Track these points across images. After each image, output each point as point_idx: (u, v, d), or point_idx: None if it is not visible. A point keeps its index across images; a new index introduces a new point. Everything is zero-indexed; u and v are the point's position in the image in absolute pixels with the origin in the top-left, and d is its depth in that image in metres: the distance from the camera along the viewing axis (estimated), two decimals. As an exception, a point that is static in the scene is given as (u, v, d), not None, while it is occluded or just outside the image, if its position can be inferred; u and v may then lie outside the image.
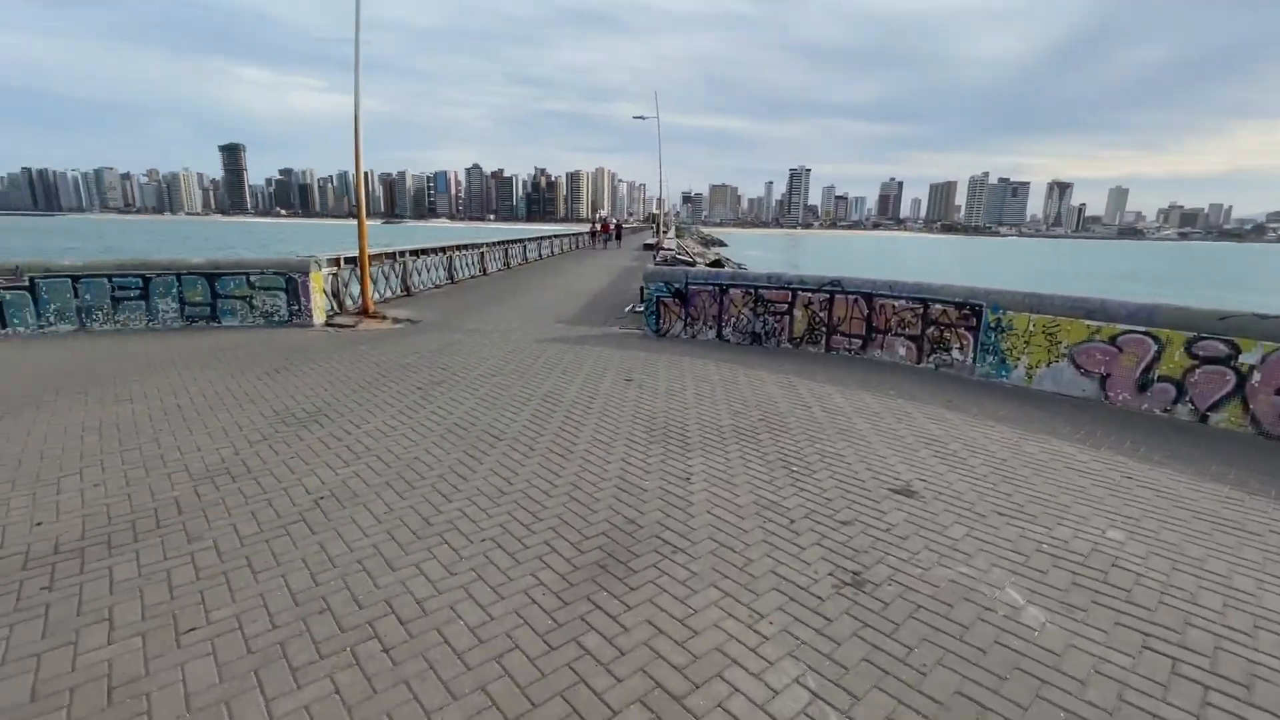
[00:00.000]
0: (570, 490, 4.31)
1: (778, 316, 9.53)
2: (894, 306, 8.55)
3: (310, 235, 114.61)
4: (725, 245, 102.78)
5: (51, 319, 9.24)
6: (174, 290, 9.86)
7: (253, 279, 10.21)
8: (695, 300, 10.13)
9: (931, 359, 8.28)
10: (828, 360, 8.75)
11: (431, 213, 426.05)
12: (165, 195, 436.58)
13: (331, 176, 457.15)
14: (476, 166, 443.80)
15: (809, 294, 9.25)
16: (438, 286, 16.22)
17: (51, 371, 7.26)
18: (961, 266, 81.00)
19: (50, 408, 5.88)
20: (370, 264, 12.91)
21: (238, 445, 5.01)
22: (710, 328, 10.08)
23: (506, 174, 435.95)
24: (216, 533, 3.65)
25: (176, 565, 3.31)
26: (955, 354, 8.06)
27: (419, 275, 15.20)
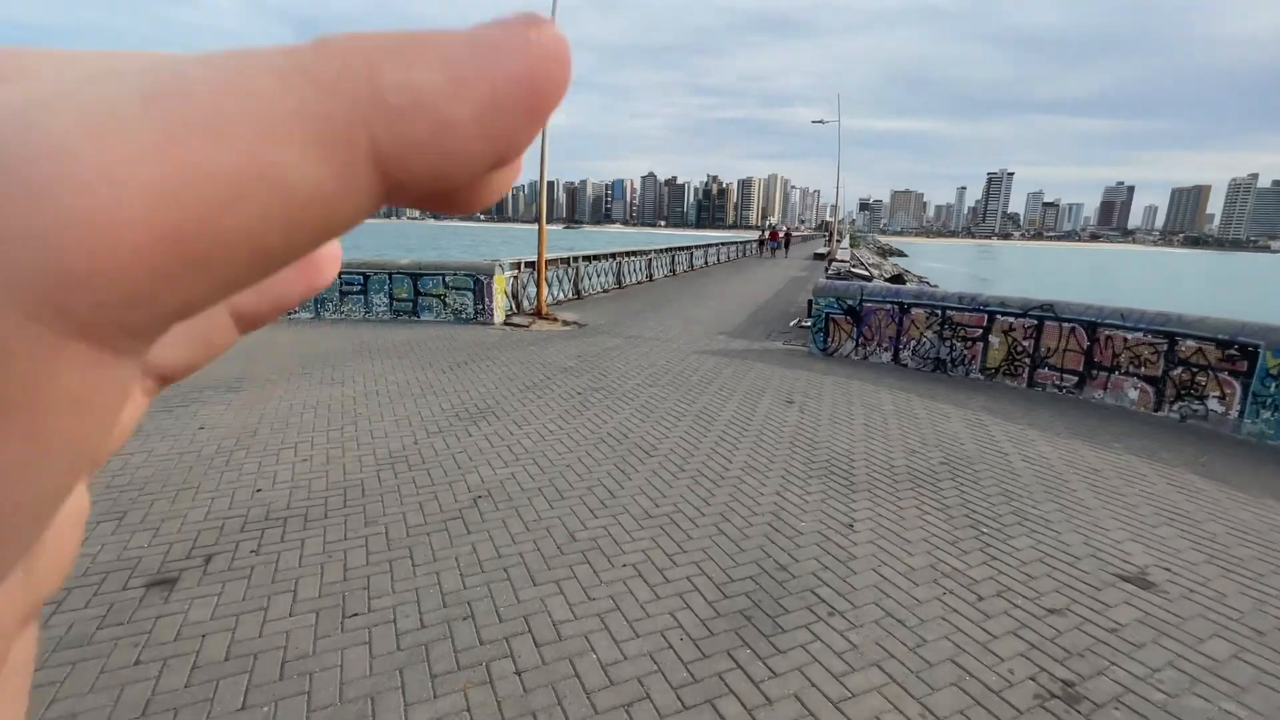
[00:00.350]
0: (718, 521, 4.04)
1: (969, 342, 8.39)
2: (1125, 339, 7.07)
3: (501, 239, 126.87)
4: (904, 255, 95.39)
5: (295, 307, 11.03)
6: (385, 287, 11.28)
7: (447, 279, 11.33)
8: (870, 318, 9.30)
9: (1176, 407, 6.71)
10: (1030, 397, 7.49)
11: (607, 218, 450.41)
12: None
13: (523, 186, 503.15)
14: (651, 174, 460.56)
15: (1011, 318, 8.01)
16: (605, 291, 16.84)
17: (290, 353, 8.59)
18: (1216, 291, 66.37)
19: (285, 385, 6.92)
20: (546, 268, 13.75)
21: (417, 435, 5.46)
22: (885, 349, 9.18)
23: (679, 181, 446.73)
24: (389, 520, 3.94)
25: (353, 547, 3.61)
26: (1213, 404, 6.43)
27: (589, 280, 15.89)
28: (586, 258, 15.81)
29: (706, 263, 28.20)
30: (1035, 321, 7.80)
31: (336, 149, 0.11)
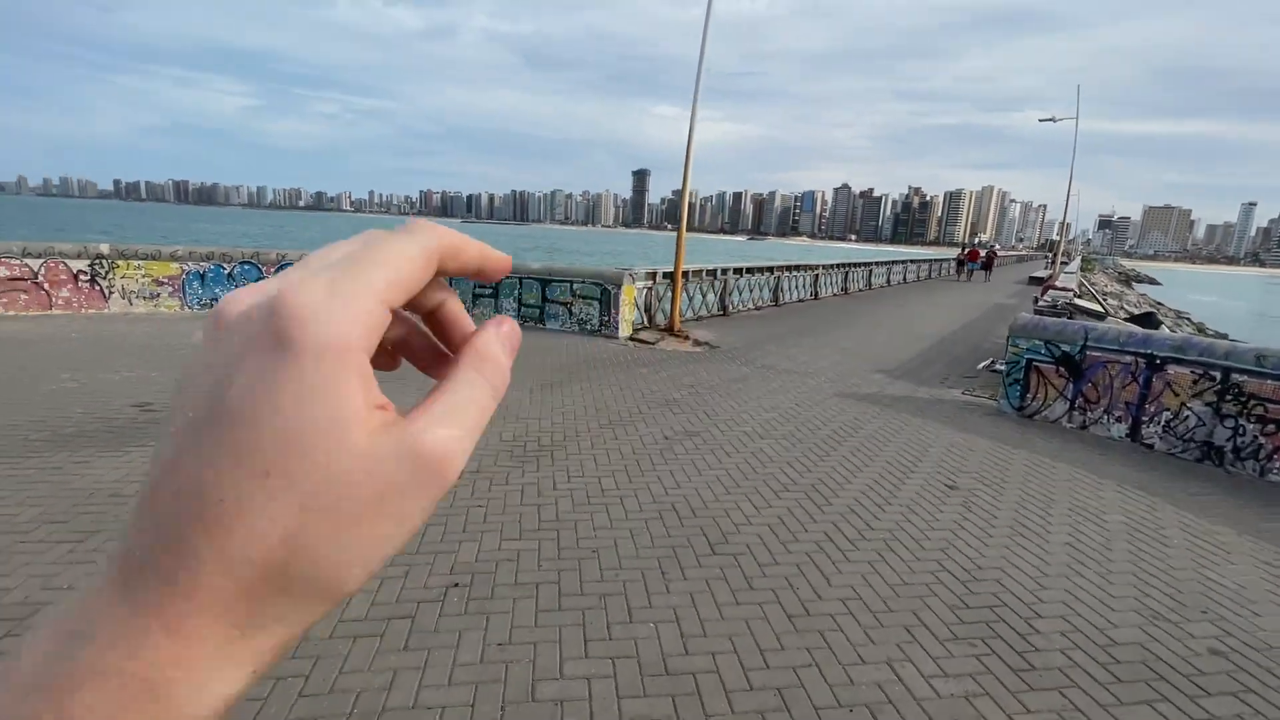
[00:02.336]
0: (778, 706, 2.48)
1: (1269, 425, 5.53)
2: None
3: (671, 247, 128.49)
4: (1157, 284, 78.98)
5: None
6: (515, 292, 10.94)
7: (575, 287, 10.67)
8: (1096, 373, 6.67)
9: None
10: (1391, 532, 4.57)
11: (794, 231, 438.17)
12: (591, 211, 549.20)
13: (711, 196, 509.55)
14: (845, 186, 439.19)
15: (1356, 397, 5.05)
16: (758, 308, 15.18)
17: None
18: None
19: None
20: (689, 280, 12.55)
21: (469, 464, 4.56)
22: (1119, 420, 6.51)
23: (876, 194, 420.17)
24: (326, 603, 3.00)
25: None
26: None
27: (739, 294, 14.38)
28: (738, 270, 14.33)
29: (889, 282, 24.92)
30: None
31: (430, 266, 0.24)
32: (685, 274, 12.44)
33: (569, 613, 3.04)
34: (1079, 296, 17.44)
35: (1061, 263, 34.17)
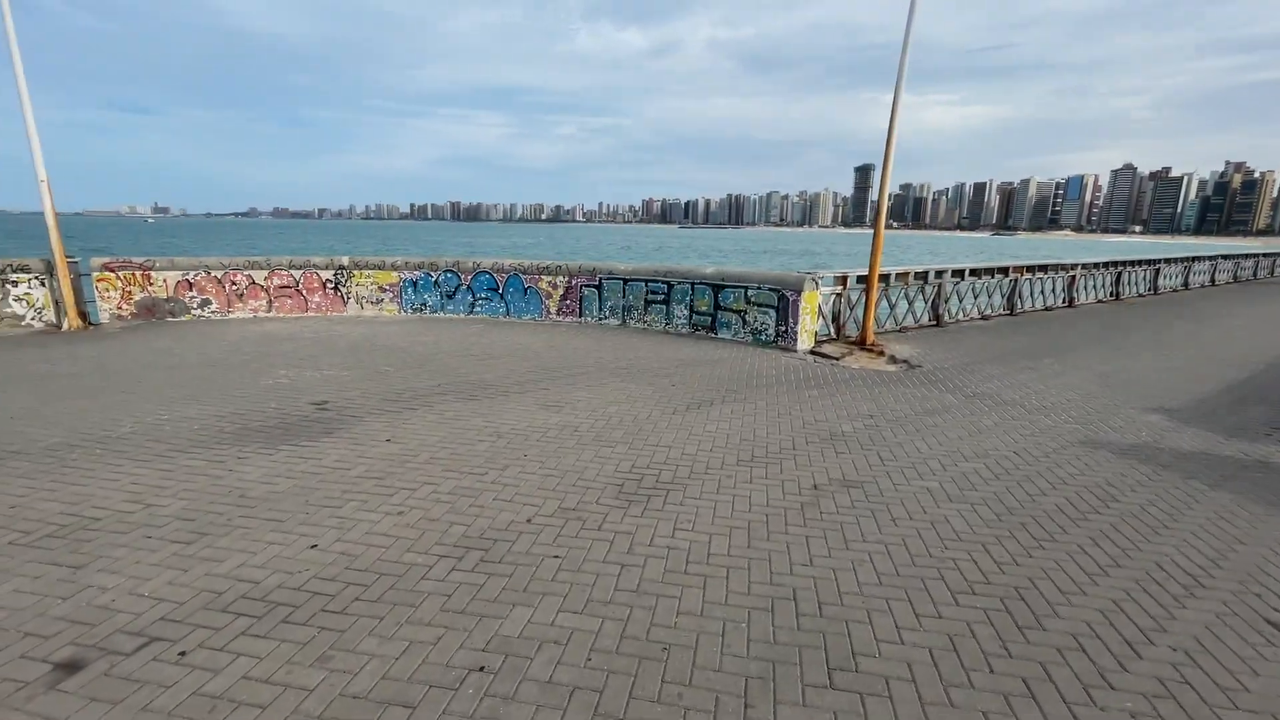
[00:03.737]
0: None
1: None
2: None
3: (893, 245, 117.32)
4: None
5: (606, 313, 11.03)
6: (687, 298, 10.29)
7: (750, 293, 9.66)
8: None
9: None
10: None
11: (1053, 224, 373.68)
12: (807, 211, 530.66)
13: (947, 189, 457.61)
14: (1128, 167, 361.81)
15: None
16: (984, 317, 12.51)
17: (559, 361, 8.25)
18: None
19: (501, 401, 6.42)
20: (889, 285, 10.73)
21: (536, 510, 4.04)
22: None
23: (1173, 173, 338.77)
24: (293, 677, 2.60)
25: None
26: None
27: (957, 302, 11.97)
28: (958, 272, 11.93)
29: (1186, 284, 19.18)
30: None
31: None
32: (885, 277, 10.68)
33: (595, 747, 2.24)
34: None
35: None
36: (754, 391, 7.00)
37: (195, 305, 10.83)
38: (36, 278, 9.77)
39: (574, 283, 11.11)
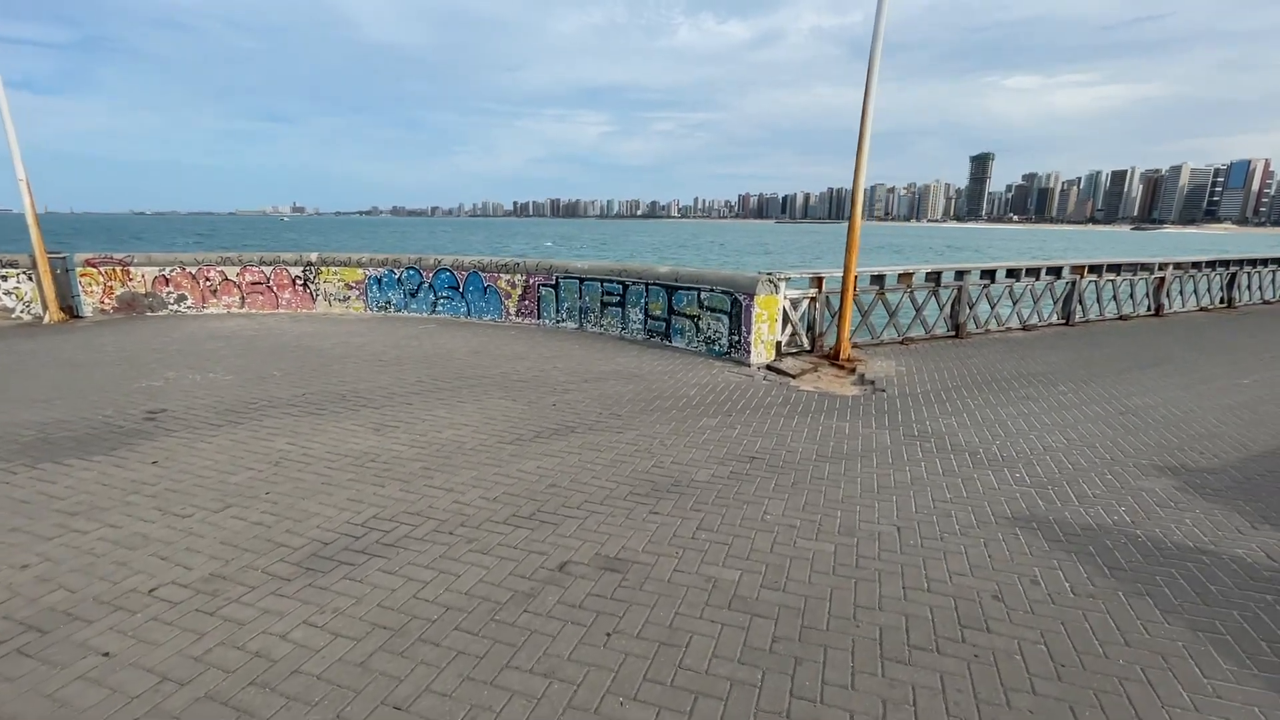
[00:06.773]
0: None
1: None
2: None
3: (1013, 238, 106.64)
4: None
5: (564, 315, 10.08)
6: (642, 300, 9.12)
7: (703, 296, 8.35)
8: None
9: None
10: None
11: (1209, 215, 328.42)
12: (916, 204, 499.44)
13: (1079, 179, 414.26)
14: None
15: None
16: (1026, 328, 10.33)
17: (450, 368, 7.43)
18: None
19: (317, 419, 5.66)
20: (886, 289, 9.01)
21: (207, 569, 3.19)
22: None
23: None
24: None
25: None
26: None
27: (988, 307, 9.92)
28: (988, 272, 9.89)
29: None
30: None
31: None
32: (881, 279, 9.00)
33: None
34: None
35: None
36: (642, 417, 5.80)
37: (172, 301, 11.01)
38: (24, 273, 10.26)
39: (531, 281, 10.24)
